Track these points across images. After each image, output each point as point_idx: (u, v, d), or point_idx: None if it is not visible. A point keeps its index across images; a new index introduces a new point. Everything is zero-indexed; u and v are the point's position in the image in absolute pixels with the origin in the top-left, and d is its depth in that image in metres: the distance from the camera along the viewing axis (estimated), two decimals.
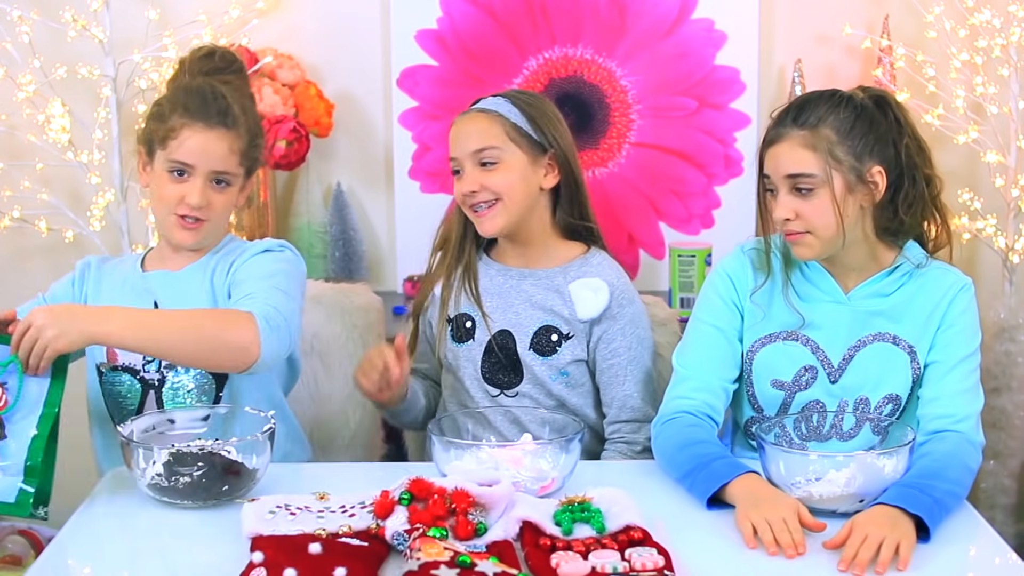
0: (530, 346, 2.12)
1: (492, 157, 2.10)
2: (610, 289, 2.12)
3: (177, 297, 2.02)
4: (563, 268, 2.15)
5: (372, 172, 3.13)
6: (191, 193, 1.99)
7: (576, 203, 2.17)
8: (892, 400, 1.92)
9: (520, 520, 1.60)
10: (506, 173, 2.10)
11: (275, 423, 1.81)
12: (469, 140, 2.11)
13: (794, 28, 3.05)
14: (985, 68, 2.91)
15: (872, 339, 1.92)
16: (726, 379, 1.97)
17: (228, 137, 2.01)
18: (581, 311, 2.12)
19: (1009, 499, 3.00)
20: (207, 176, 2.00)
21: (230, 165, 2.02)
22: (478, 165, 2.10)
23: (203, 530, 1.68)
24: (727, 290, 1.99)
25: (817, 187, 1.85)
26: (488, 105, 2.14)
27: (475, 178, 2.10)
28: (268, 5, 2.98)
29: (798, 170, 1.85)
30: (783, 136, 1.87)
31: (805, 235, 1.87)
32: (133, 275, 2.09)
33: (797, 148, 1.85)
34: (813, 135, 1.85)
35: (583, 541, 1.56)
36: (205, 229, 2.03)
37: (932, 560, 1.60)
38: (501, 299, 2.16)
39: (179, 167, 2.00)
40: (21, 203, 2.95)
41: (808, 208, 1.85)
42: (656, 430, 1.94)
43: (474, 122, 2.13)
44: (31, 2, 2.92)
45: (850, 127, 1.85)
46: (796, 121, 1.87)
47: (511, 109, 2.12)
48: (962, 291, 1.92)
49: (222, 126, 2.00)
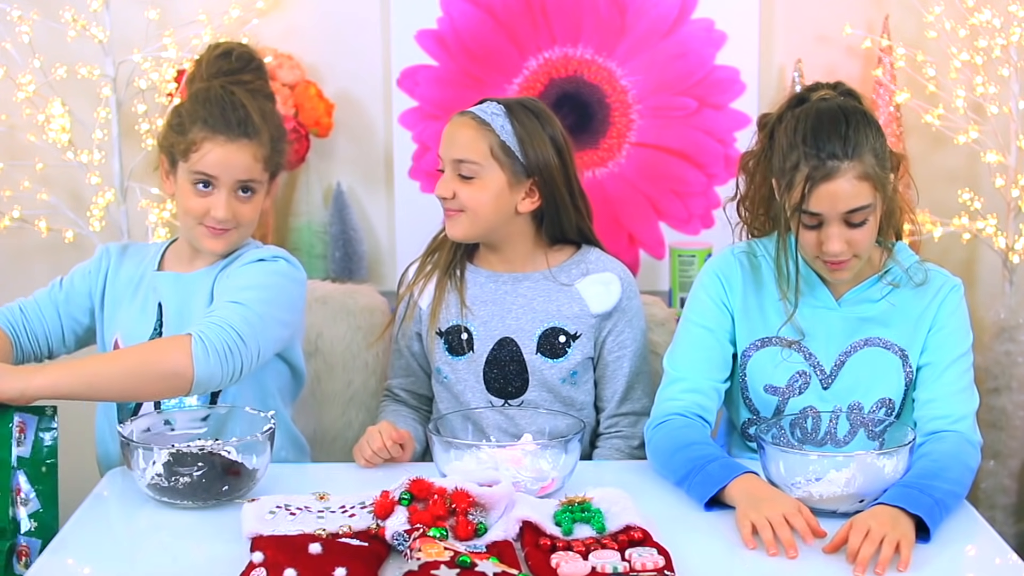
0: (537, 350, 2.11)
1: (470, 172, 2.06)
2: (620, 281, 2.12)
3: (181, 301, 2.01)
4: (559, 268, 2.14)
5: (372, 172, 3.13)
6: (216, 207, 1.97)
7: (560, 223, 2.13)
8: (885, 404, 1.92)
9: (520, 520, 1.60)
10: (479, 191, 2.06)
11: (275, 423, 1.81)
12: (453, 147, 2.08)
13: (794, 28, 3.05)
14: (985, 68, 2.91)
15: (863, 344, 1.92)
16: (717, 380, 1.96)
17: (251, 147, 1.98)
18: (595, 306, 2.11)
19: (1009, 499, 3.00)
20: (232, 187, 1.98)
21: (254, 173, 1.99)
22: (456, 173, 2.07)
23: (203, 530, 1.68)
24: (717, 291, 1.98)
25: (870, 214, 1.81)
26: (484, 114, 2.08)
27: (450, 184, 2.08)
28: (268, 5, 2.98)
29: (858, 204, 1.78)
30: (838, 171, 1.77)
31: (851, 260, 1.84)
32: (145, 273, 2.08)
33: (854, 182, 1.77)
34: (861, 163, 1.78)
35: (583, 541, 1.56)
36: (234, 236, 2.01)
37: (932, 560, 1.60)
38: (496, 306, 2.13)
39: (203, 179, 1.97)
40: (21, 203, 2.95)
41: (859, 235, 1.81)
42: (648, 434, 1.94)
43: (464, 129, 2.08)
44: (31, 2, 2.91)
45: (881, 145, 1.81)
46: (846, 154, 1.77)
47: (505, 125, 2.07)
48: (952, 292, 1.92)
49: (243, 137, 1.97)
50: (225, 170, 1.97)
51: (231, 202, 1.98)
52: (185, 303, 2.01)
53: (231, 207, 1.98)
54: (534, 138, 2.08)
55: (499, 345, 2.11)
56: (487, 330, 2.12)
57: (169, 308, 2.02)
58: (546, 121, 2.11)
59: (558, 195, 2.10)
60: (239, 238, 2.03)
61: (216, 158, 1.96)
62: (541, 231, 2.14)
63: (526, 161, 2.07)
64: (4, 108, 2.94)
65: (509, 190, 2.07)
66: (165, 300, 2.03)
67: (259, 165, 2.00)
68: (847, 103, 1.85)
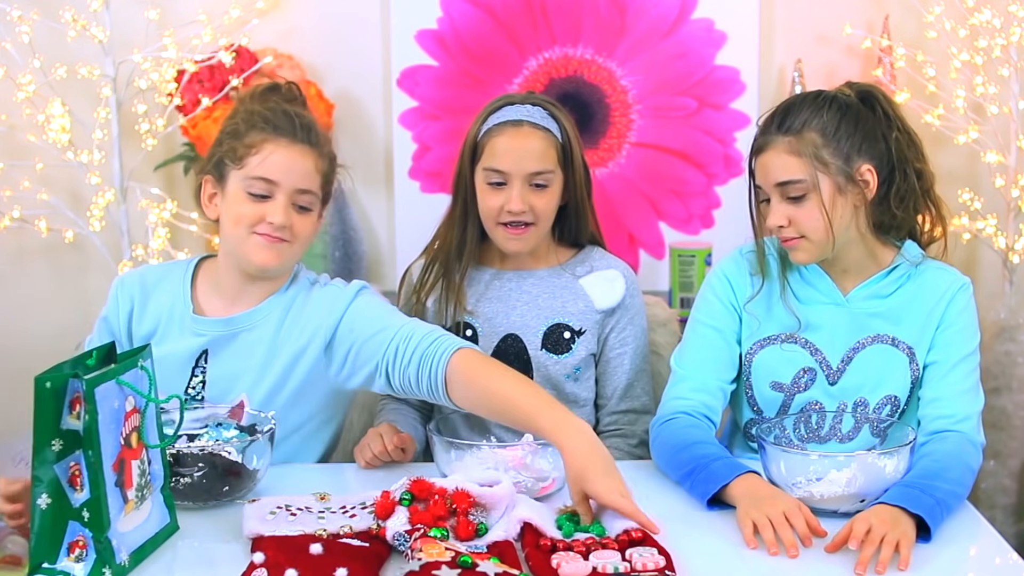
0: (542, 346, 2.12)
1: (546, 181, 2.07)
2: (625, 279, 2.14)
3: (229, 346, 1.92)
4: (563, 266, 2.16)
5: (372, 172, 3.13)
6: (274, 212, 1.85)
7: (579, 224, 2.16)
8: (891, 401, 1.92)
9: (521, 520, 1.60)
10: (551, 197, 2.09)
11: (275, 424, 1.81)
12: (528, 159, 2.06)
13: (794, 28, 3.05)
14: (985, 68, 2.91)
15: (871, 341, 1.92)
16: (724, 380, 1.97)
17: (313, 155, 1.89)
18: (600, 302, 2.12)
19: (1009, 499, 3.00)
20: (290, 195, 1.87)
21: (313, 184, 1.89)
22: (529, 185, 2.06)
23: (203, 530, 1.68)
24: (725, 292, 1.99)
25: (807, 192, 1.84)
26: (541, 121, 2.08)
27: (525, 197, 2.06)
28: (268, 5, 2.98)
29: (786, 177, 1.85)
30: (769, 144, 1.87)
31: (800, 240, 1.87)
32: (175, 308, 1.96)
33: (783, 155, 1.85)
34: (798, 141, 1.84)
35: (583, 541, 1.56)
36: (287, 252, 1.89)
37: (932, 560, 1.60)
38: (502, 303, 2.14)
39: (261, 184, 1.86)
40: (21, 203, 2.95)
41: (800, 214, 1.85)
42: (654, 431, 1.94)
43: (533, 140, 2.07)
44: (31, 2, 2.91)
45: (835, 128, 1.84)
46: (781, 128, 1.86)
47: (557, 128, 2.09)
48: (960, 291, 1.92)
49: (307, 143, 1.89)
50: (287, 174, 1.86)
51: (289, 210, 1.87)
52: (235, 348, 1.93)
53: (288, 215, 1.87)
54: (574, 137, 2.11)
55: (504, 341, 2.12)
56: (491, 327, 2.13)
57: (214, 360, 1.94)
58: (566, 113, 2.13)
59: (579, 195, 2.13)
60: (291, 257, 1.91)
61: (279, 160, 1.86)
62: (553, 231, 2.16)
63: (574, 162, 2.10)
64: (4, 108, 2.94)
65: (562, 191, 2.11)
66: (211, 346, 1.94)
67: (319, 178, 1.91)
68: (829, 92, 1.89)
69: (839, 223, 1.85)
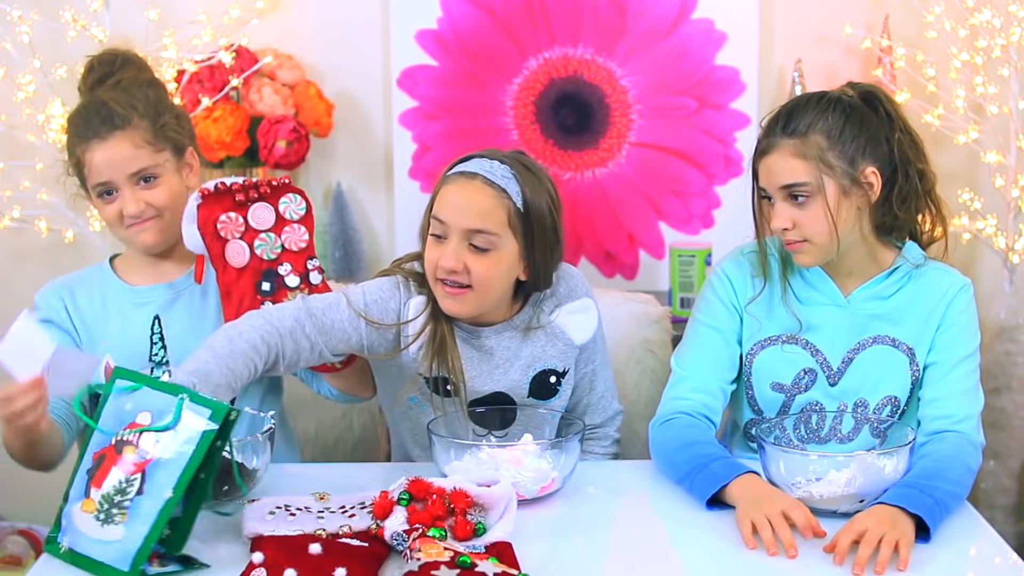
0: (529, 394, 2.00)
1: (488, 244, 1.85)
2: (592, 300, 2.02)
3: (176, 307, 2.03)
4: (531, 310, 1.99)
5: (372, 172, 3.13)
6: (124, 203, 1.97)
7: (538, 280, 1.94)
8: (891, 402, 1.92)
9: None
10: (494, 264, 1.86)
11: (275, 424, 1.81)
12: (467, 214, 1.84)
13: (794, 28, 3.05)
14: (985, 68, 2.90)
15: (871, 342, 1.92)
16: (724, 380, 1.97)
17: (126, 137, 1.95)
18: (578, 337, 2.00)
19: (1009, 499, 3.00)
20: (127, 182, 1.97)
21: (144, 160, 1.96)
22: (467, 243, 1.85)
23: (203, 530, 1.68)
24: (726, 292, 1.99)
25: (812, 195, 1.83)
26: (497, 179, 1.86)
27: (459, 255, 1.85)
28: (268, 5, 2.98)
29: (791, 180, 1.84)
30: (774, 146, 1.85)
31: (803, 243, 1.86)
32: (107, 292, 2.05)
33: (788, 158, 1.84)
34: (803, 143, 1.83)
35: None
36: (161, 226, 2.00)
37: (932, 560, 1.60)
38: (484, 364, 1.96)
39: (101, 187, 1.97)
40: (21, 203, 2.95)
41: (804, 216, 1.84)
42: (654, 431, 1.94)
43: (480, 196, 1.85)
44: (31, 2, 2.91)
45: (840, 131, 1.84)
46: (785, 130, 1.85)
47: (516, 190, 1.86)
48: (961, 291, 1.92)
49: (114, 129, 1.95)
50: (113, 169, 1.96)
51: (136, 195, 1.96)
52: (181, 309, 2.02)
53: (137, 199, 1.96)
54: (545, 204, 1.89)
55: (491, 397, 1.98)
56: (476, 385, 1.96)
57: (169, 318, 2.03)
58: (544, 178, 1.92)
59: (545, 253, 1.91)
60: (170, 228, 1.99)
61: (100, 162, 1.95)
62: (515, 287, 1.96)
63: (534, 226, 1.88)
64: (4, 108, 2.94)
65: (517, 260, 1.89)
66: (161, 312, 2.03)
67: (147, 149, 1.97)
68: (833, 93, 1.88)
69: (843, 226, 1.85)
